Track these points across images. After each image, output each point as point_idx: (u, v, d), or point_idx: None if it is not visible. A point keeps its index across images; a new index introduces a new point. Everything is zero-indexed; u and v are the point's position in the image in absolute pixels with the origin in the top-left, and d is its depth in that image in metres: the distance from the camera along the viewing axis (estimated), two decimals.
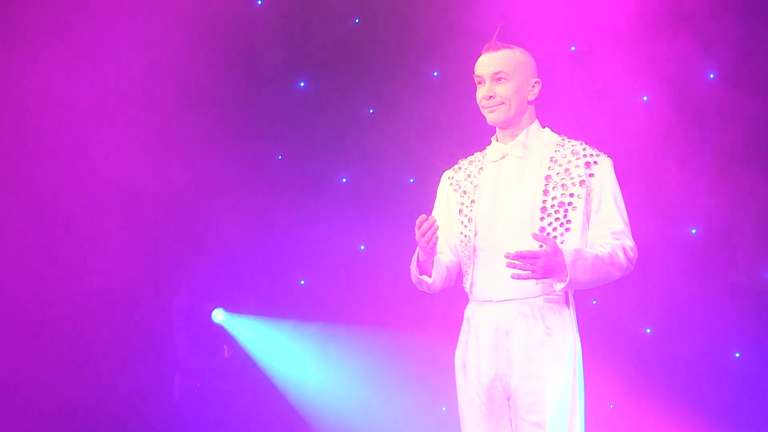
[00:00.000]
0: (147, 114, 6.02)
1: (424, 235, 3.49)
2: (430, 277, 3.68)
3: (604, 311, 5.67)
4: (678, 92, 5.55)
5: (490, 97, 3.67)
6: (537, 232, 3.53)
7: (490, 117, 3.71)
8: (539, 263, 3.37)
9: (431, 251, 3.57)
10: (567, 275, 3.42)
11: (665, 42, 5.47)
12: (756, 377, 5.43)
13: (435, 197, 3.90)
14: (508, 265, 3.39)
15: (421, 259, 3.65)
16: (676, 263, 5.59)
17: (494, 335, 3.60)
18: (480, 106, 3.73)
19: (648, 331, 5.69)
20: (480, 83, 3.71)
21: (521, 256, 3.37)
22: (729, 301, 5.49)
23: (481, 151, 3.84)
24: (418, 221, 3.51)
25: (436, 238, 3.52)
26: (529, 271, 3.38)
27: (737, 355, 5.49)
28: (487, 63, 3.68)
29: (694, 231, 5.59)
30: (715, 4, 5.38)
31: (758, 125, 5.46)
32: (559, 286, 3.48)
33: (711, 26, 5.40)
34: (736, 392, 5.45)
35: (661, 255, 5.55)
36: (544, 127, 3.77)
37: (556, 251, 3.40)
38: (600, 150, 3.71)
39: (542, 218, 3.59)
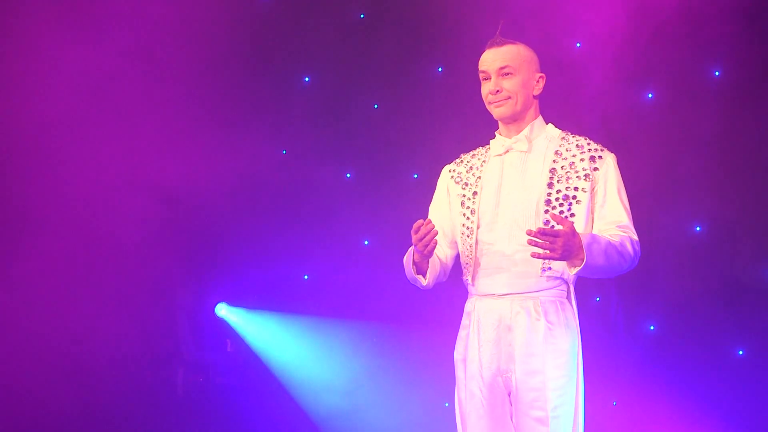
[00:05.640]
0: (150, 111, 6.02)
1: (422, 239, 3.45)
2: (425, 277, 3.65)
3: (607, 308, 5.67)
4: (683, 90, 5.55)
5: (497, 91, 3.64)
6: (542, 225, 3.51)
7: (497, 112, 3.68)
8: (558, 242, 3.31)
9: (428, 255, 3.53)
10: (583, 258, 3.37)
11: (671, 39, 5.47)
12: (759, 375, 5.43)
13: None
14: (529, 242, 3.33)
15: (416, 260, 3.63)
16: (680, 260, 5.59)
17: (496, 330, 3.58)
18: (486, 102, 3.70)
19: (651, 328, 5.68)
20: (486, 79, 3.69)
21: (543, 233, 3.31)
22: (733, 299, 5.49)
23: (484, 146, 3.83)
24: (415, 226, 3.46)
25: (435, 243, 3.48)
26: (548, 251, 3.33)
27: (741, 352, 5.49)
28: (492, 58, 3.66)
29: (698, 228, 5.59)
30: (721, 2, 5.37)
31: (763, 123, 5.46)
32: (573, 270, 3.42)
33: (717, 24, 5.40)
34: (740, 390, 5.45)
35: (665, 252, 5.55)
36: (547, 123, 3.76)
37: (574, 232, 3.35)
38: (604, 147, 3.70)
39: (546, 211, 3.57)
